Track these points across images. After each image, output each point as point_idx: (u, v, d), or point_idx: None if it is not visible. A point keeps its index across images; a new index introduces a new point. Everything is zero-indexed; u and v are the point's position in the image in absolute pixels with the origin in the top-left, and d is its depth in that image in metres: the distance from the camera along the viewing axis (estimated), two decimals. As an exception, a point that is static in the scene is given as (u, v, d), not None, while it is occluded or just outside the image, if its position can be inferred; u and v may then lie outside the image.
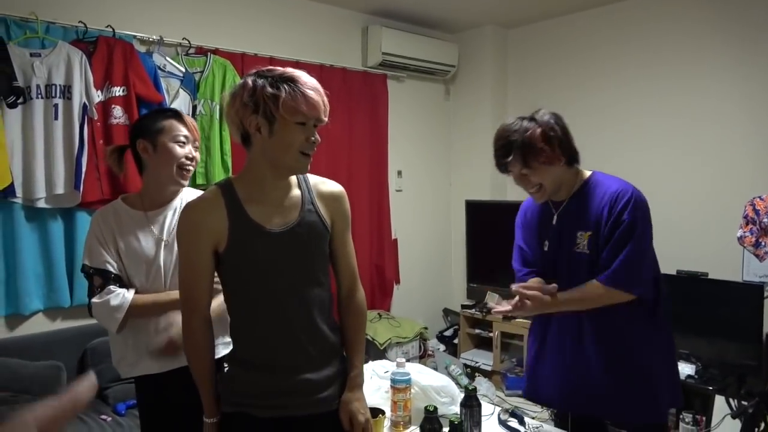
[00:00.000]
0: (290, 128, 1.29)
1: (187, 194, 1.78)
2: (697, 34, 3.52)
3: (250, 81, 1.30)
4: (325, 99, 1.33)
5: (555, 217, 1.76)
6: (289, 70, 1.32)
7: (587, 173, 1.76)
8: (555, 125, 1.66)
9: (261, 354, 1.39)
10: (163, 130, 1.68)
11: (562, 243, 1.73)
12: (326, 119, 1.34)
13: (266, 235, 1.34)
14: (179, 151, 1.68)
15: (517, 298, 1.67)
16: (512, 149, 1.64)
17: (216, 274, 1.41)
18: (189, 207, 1.37)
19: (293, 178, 1.43)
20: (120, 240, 1.69)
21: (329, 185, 1.48)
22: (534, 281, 1.70)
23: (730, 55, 3.39)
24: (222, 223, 1.33)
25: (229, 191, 1.36)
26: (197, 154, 1.76)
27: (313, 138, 1.32)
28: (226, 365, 1.51)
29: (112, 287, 1.64)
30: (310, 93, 1.29)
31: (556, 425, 1.88)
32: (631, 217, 1.60)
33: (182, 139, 1.69)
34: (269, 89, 1.27)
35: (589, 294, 1.62)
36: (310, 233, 1.39)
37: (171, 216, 1.73)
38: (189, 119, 1.76)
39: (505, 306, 1.70)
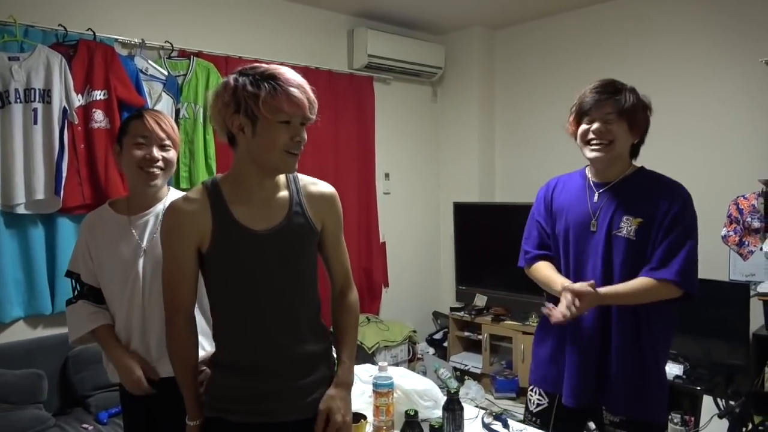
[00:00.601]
0: (273, 127, 1.25)
1: (172, 197, 1.72)
2: (684, 32, 3.53)
3: (231, 80, 1.28)
4: (312, 96, 1.30)
5: (597, 195, 1.71)
6: (273, 67, 1.29)
7: (637, 165, 1.75)
8: (649, 107, 1.70)
9: (243, 358, 1.36)
10: (127, 133, 1.66)
11: (604, 223, 1.67)
12: (313, 117, 1.31)
13: (251, 236, 1.31)
14: (136, 153, 1.64)
15: (568, 297, 1.58)
16: (623, 91, 1.64)
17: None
18: (172, 206, 1.35)
19: (282, 179, 1.39)
20: (101, 247, 1.68)
21: (320, 186, 1.44)
22: (580, 284, 1.61)
23: (718, 54, 3.40)
24: (206, 223, 1.31)
25: (214, 191, 1.34)
26: (169, 155, 1.69)
27: (298, 137, 1.29)
28: (203, 368, 1.49)
29: (89, 303, 1.69)
30: (293, 90, 1.25)
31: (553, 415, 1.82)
32: (689, 216, 1.64)
33: (140, 140, 1.64)
34: (249, 88, 1.24)
35: (645, 288, 1.59)
36: (296, 235, 1.36)
37: (153, 221, 1.69)
38: (153, 119, 1.67)
39: (561, 309, 1.59)
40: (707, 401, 2.94)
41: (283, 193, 1.38)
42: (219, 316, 1.40)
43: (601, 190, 1.72)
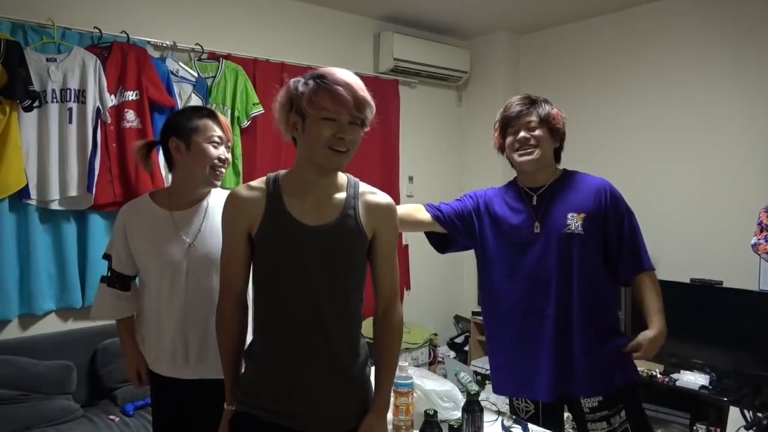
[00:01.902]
0: (317, 124, 1.29)
1: (216, 195, 1.76)
2: (711, 44, 3.47)
3: (291, 83, 1.34)
4: (361, 95, 1.32)
5: (535, 198, 1.85)
6: (327, 68, 1.34)
7: (560, 168, 1.92)
8: (564, 121, 1.89)
9: (276, 351, 1.36)
10: (198, 130, 1.66)
11: (549, 223, 1.80)
12: (363, 116, 1.33)
13: (298, 227, 1.34)
14: (213, 151, 1.67)
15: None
16: (538, 102, 1.85)
17: None
18: (233, 192, 1.41)
19: (342, 181, 1.41)
20: (140, 238, 1.70)
21: (378, 196, 1.44)
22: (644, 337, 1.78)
23: (743, 65, 3.34)
24: (259, 210, 1.35)
25: (274, 182, 1.39)
26: (229, 156, 1.74)
27: (341, 134, 1.30)
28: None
29: (115, 290, 1.76)
30: (338, 88, 1.28)
31: (542, 419, 1.89)
32: (625, 207, 1.82)
33: (216, 139, 1.68)
34: (300, 87, 1.31)
35: (656, 285, 1.81)
36: (344, 236, 1.36)
37: (199, 218, 1.70)
38: (224, 120, 1.75)
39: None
40: (734, 413, 2.88)
41: (340, 195, 1.39)
42: (259, 306, 1.41)
43: (537, 193, 1.85)
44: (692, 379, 3.14)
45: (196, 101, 3.11)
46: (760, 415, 2.38)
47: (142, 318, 1.78)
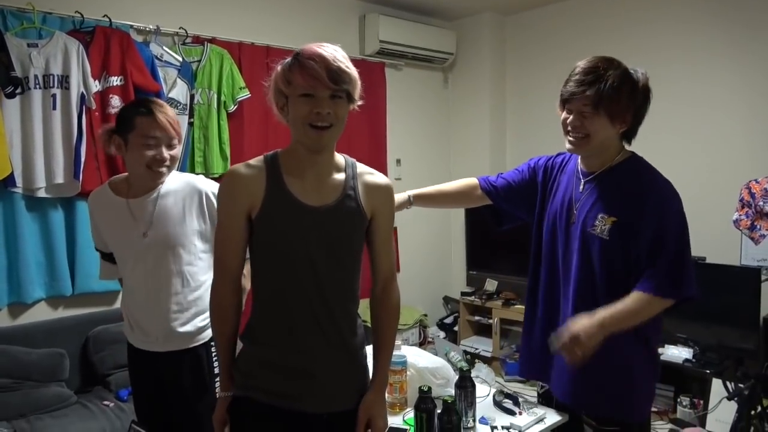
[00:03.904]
0: (295, 101, 1.27)
1: (171, 180, 1.76)
2: (699, 20, 3.51)
3: (276, 66, 1.33)
4: (335, 65, 1.25)
5: (582, 185, 1.63)
6: (308, 45, 1.29)
7: (629, 152, 1.62)
8: (647, 89, 1.56)
9: (274, 332, 1.36)
10: (134, 129, 1.65)
11: (581, 218, 1.59)
12: (340, 87, 1.26)
13: (299, 207, 1.32)
14: (146, 153, 1.65)
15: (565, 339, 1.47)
16: (603, 78, 1.48)
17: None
18: (231, 170, 1.38)
19: (340, 162, 1.40)
20: (104, 226, 1.78)
21: (376, 177, 1.43)
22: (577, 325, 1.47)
23: (728, 41, 3.38)
24: (259, 188, 1.32)
25: (273, 162, 1.36)
26: (175, 151, 1.71)
27: (318, 109, 1.26)
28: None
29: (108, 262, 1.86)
30: (309, 62, 1.24)
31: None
32: (676, 229, 1.50)
33: (151, 141, 1.65)
34: (278, 68, 1.30)
35: (639, 307, 1.47)
36: (345, 217, 1.35)
37: (152, 205, 1.72)
38: (164, 116, 1.67)
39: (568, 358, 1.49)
40: (716, 384, 2.96)
41: (339, 176, 1.38)
42: (258, 286, 1.39)
43: (586, 179, 1.62)
44: (676, 353, 3.22)
45: (181, 86, 3.09)
46: (741, 386, 2.45)
47: (122, 298, 1.88)
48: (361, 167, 1.44)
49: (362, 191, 1.39)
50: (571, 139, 1.57)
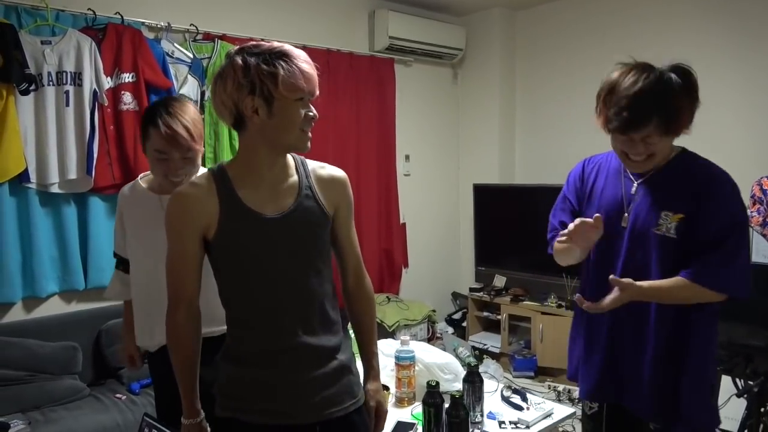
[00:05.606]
0: (290, 106, 1.21)
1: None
2: (708, 18, 3.48)
3: (239, 60, 1.20)
4: (316, 71, 1.26)
5: (634, 186, 1.53)
6: (277, 44, 1.23)
7: (679, 146, 1.55)
8: (697, 89, 1.47)
9: (253, 349, 1.30)
10: (149, 140, 1.64)
11: (639, 219, 1.51)
12: (318, 92, 1.27)
13: (259, 220, 1.26)
14: (159, 166, 1.65)
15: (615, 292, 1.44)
16: (653, 112, 1.37)
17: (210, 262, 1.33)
18: (177, 193, 1.29)
19: (290, 163, 1.34)
20: (133, 221, 1.76)
21: (329, 170, 1.39)
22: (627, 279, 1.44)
23: (735, 39, 3.35)
24: (212, 207, 1.25)
25: (221, 176, 1.28)
26: (192, 155, 1.66)
27: (311, 113, 1.25)
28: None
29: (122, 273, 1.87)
30: (306, 67, 1.22)
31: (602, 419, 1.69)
32: (740, 218, 1.46)
33: (164, 156, 1.63)
34: (265, 68, 1.18)
35: (689, 291, 1.44)
36: (306, 219, 1.30)
37: None
38: (177, 126, 1.59)
39: (607, 302, 1.47)
40: (725, 381, 2.95)
41: (293, 178, 1.32)
42: (229, 306, 1.33)
43: (639, 180, 1.53)
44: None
45: (192, 83, 3.11)
46: (751, 383, 2.44)
47: (134, 299, 1.83)
48: (312, 164, 1.38)
49: (318, 188, 1.34)
50: (635, 160, 1.48)
